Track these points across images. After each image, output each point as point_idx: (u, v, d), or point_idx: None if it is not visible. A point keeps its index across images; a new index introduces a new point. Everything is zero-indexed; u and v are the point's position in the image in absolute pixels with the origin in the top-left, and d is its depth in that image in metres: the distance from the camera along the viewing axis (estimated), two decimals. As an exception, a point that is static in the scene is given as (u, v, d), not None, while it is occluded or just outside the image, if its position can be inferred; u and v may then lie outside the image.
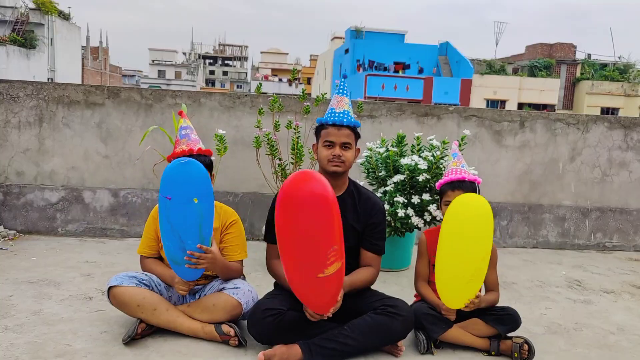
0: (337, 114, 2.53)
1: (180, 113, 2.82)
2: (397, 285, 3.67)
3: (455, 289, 2.49)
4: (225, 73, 79.06)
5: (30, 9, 30.16)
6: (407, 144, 3.90)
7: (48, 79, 30.83)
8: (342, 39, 45.62)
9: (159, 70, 65.69)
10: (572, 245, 5.08)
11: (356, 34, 39.70)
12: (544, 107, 38.17)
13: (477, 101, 37.00)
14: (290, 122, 4.00)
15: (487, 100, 37.42)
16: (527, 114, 4.99)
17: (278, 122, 4.05)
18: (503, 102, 37.65)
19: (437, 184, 2.78)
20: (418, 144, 3.94)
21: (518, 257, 4.67)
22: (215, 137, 3.73)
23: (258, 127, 3.99)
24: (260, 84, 4.37)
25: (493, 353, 2.61)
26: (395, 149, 3.77)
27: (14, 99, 4.45)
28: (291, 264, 2.24)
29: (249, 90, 65.08)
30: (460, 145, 3.85)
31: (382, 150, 3.80)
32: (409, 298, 2.88)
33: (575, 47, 41.29)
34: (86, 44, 42.32)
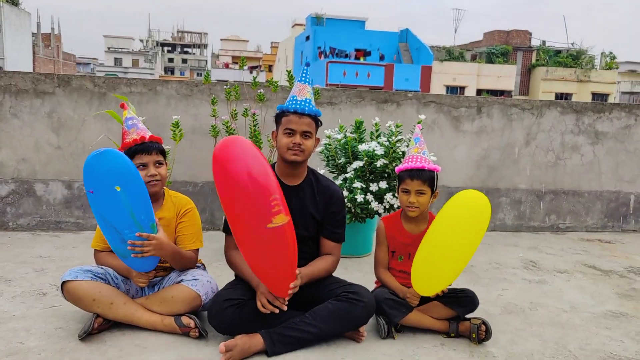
0: (299, 102, 2.50)
1: (122, 105, 2.73)
2: (358, 272, 3.69)
3: (433, 279, 2.51)
4: (184, 61, 77.55)
5: (-25, -6, 28.77)
6: (365, 129, 3.91)
7: (-3, 67, 29.59)
8: (303, 25, 45.35)
9: (115, 58, 63.87)
10: (527, 228, 5.23)
11: (317, 20, 39.55)
12: (501, 93, 39.01)
13: (437, 88, 37.52)
14: (246, 109, 3.95)
15: (447, 87, 38.00)
16: (484, 99, 5.08)
17: (235, 110, 3.99)
18: (462, 89, 38.31)
19: (396, 168, 2.78)
20: (377, 130, 3.96)
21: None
22: (172, 125, 3.65)
23: (214, 116, 3.92)
24: (208, 73, 4.28)
25: (452, 335, 2.66)
26: (353, 135, 3.77)
27: (-43, 88, 4.24)
28: (239, 224, 2.23)
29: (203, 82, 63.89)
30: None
31: (340, 136, 3.79)
32: (371, 284, 2.90)
33: (530, 34, 42.27)
34: (37, 31, 40.68)
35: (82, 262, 3.64)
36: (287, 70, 4.03)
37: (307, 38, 39.06)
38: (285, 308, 2.38)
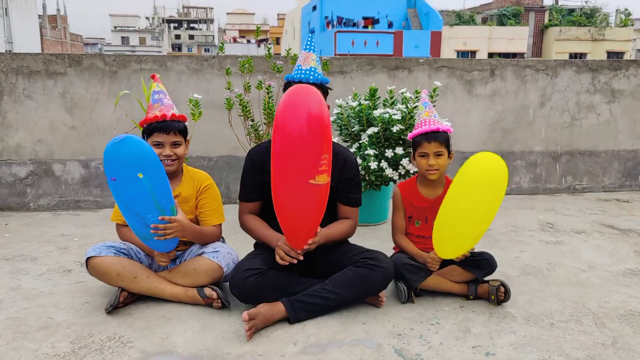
0: (303, 71, 2.50)
1: (153, 77, 2.74)
2: (375, 239, 3.72)
3: (455, 243, 2.52)
4: (191, 37, 77.04)
5: (-20, -23, 28.64)
6: (379, 97, 3.88)
7: (6, 50, 29.64)
8: (309, -5, 44.65)
9: (122, 37, 63.64)
10: (544, 190, 5.20)
11: (322, -10, 38.89)
12: (513, 55, 38.31)
13: (448, 53, 36.93)
14: (260, 82, 3.94)
15: (458, 52, 37.38)
16: (496, 62, 5.00)
17: (249, 83, 3.98)
18: (473, 53, 37.66)
19: (409, 135, 2.78)
20: (391, 97, 3.93)
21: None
22: (190, 101, 3.66)
23: (229, 88, 3.92)
24: (223, 43, 4.26)
25: (471, 297, 2.68)
26: (368, 103, 3.75)
27: (-29, 73, 4.28)
28: (283, 173, 2.21)
29: (217, 53, 63.58)
30: (432, 97, 3.87)
31: (354, 104, 3.78)
32: (388, 251, 2.92)
33: (542, -7, 41.25)
34: (43, 13, 40.59)
35: (103, 239, 3.71)
36: (286, 50, 4.02)
37: (314, 8, 38.51)
38: (302, 258, 2.41)
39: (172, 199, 2.43)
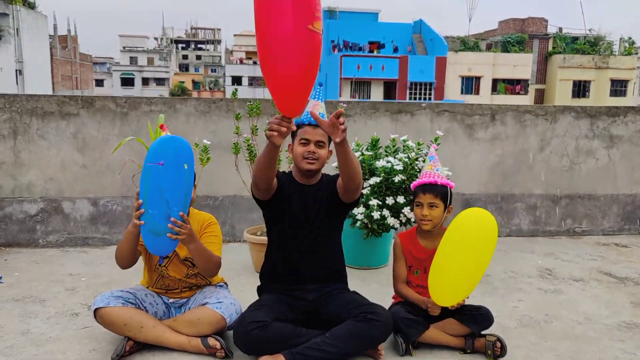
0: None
1: (162, 127, 2.88)
2: (376, 284, 3.80)
3: (450, 290, 2.62)
4: (198, 57, 77.92)
5: (-9, -3, 29.21)
6: (381, 146, 3.99)
7: (16, 70, 30.10)
8: (316, 18, 45.12)
9: (131, 57, 64.41)
10: (543, 232, 5.28)
11: (330, 14, 39.46)
12: (517, 82, 38.63)
13: (453, 78, 37.28)
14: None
15: (462, 77, 37.74)
16: (497, 107, 5.12)
17: (256, 126, 4.10)
18: (478, 79, 38.01)
19: (412, 184, 2.90)
20: (393, 145, 4.04)
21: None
22: (196, 146, 3.78)
23: (237, 133, 4.04)
24: (236, 90, 4.40)
25: (468, 351, 2.75)
26: (369, 153, 3.86)
27: (-13, 113, 4.42)
28: (279, 20, 2.02)
29: (224, 73, 64.25)
30: (435, 143, 3.98)
31: (357, 154, 3.89)
32: (388, 297, 3.01)
33: (546, 21, 41.76)
34: (54, 33, 41.28)
35: (110, 279, 3.81)
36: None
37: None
38: (294, 128, 2.37)
39: (190, 203, 2.55)
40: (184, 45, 79.68)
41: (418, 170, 3.79)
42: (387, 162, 3.75)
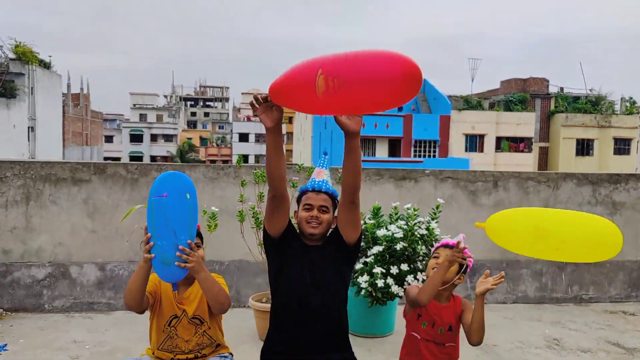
0: (316, 182, 2.77)
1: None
2: (382, 354, 3.77)
3: (512, 235, 2.64)
4: (206, 114, 79.57)
5: (11, 59, 30.23)
6: (383, 214, 4.06)
7: (28, 127, 30.77)
8: (322, 78, 46.29)
9: (141, 114, 65.87)
10: (550, 299, 5.24)
11: (335, 74, 40.46)
12: (521, 140, 39.05)
13: (457, 136, 37.76)
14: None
15: (466, 135, 38.22)
16: (499, 173, 5.21)
17: (262, 193, 4.18)
18: (481, 137, 38.47)
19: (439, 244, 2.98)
20: (396, 213, 4.11)
21: (498, 315, 4.80)
22: (204, 213, 3.85)
23: (241, 201, 4.12)
24: (241, 157, 4.51)
25: None
26: (372, 222, 3.92)
27: (1, 179, 4.54)
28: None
29: (231, 130, 65.41)
30: (435, 212, 4.06)
31: (361, 223, 3.95)
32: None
33: (547, 81, 42.59)
34: (67, 91, 42.44)
35: (113, 347, 3.80)
36: (299, 165, 4.26)
37: (327, 91, 39.84)
38: (265, 95, 2.36)
39: (196, 231, 2.60)
40: (192, 102, 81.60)
41: (418, 236, 3.83)
42: (388, 230, 3.81)
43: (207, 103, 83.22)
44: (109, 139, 60.74)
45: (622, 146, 39.26)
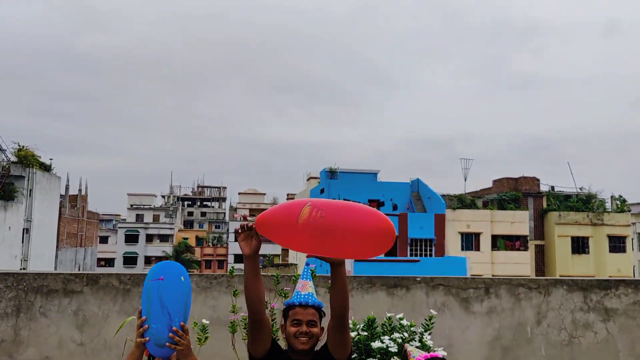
0: (302, 296, 2.82)
1: None
2: None
3: None
4: (203, 214, 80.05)
5: (12, 162, 30.87)
6: (377, 326, 4.05)
7: (23, 229, 30.77)
8: (318, 179, 47.40)
9: (137, 215, 66.18)
10: (551, 412, 5.06)
11: (331, 174, 41.43)
12: (516, 238, 39.18)
13: (452, 235, 37.88)
14: (266, 303, 4.15)
15: (462, 234, 38.36)
16: (490, 280, 5.25)
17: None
18: (477, 235, 38.60)
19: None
20: (390, 324, 4.10)
21: None
22: (195, 325, 3.84)
23: (233, 312, 4.12)
24: (233, 267, 4.57)
25: None
26: (365, 333, 3.91)
27: (-6, 291, 4.55)
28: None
29: (227, 229, 65.47)
30: (428, 324, 4.07)
31: (353, 334, 3.93)
32: None
33: (538, 180, 43.54)
34: (65, 193, 42.93)
35: None
36: (294, 275, 4.32)
37: (322, 191, 40.60)
38: (251, 224, 2.58)
39: (189, 314, 2.67)
40: (189, 202, 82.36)
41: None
42: (382, 342, 3.79)
43: (204, 203, 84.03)
44: (103, 240, 60.55)
45: (617, 244, 39.35)
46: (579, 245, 39.64)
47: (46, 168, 34.45)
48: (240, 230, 2.60)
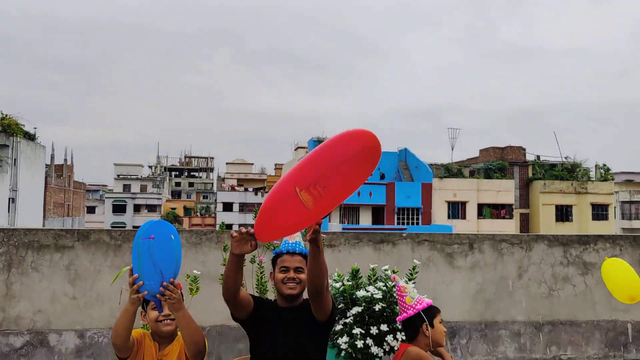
0: (290, 244, 2.92)
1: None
2: (362, 417, 3.75)
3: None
4: (191, 184, 79.81)
5: (-4, 131, 30.41)
6: (361, 276, 4.17)
7: (9, 199, 30.55)
8: (305, 148, 47.35)
9: (124, 185, 65.82)
10: (529, 360, 5.28)
11: (318, 143, 41.27)
12: (502, 206, 39.69)
13: (439, 203, 38.28)
14: (254, 256, 4.24)
15: (448, 203, 38.77)
16: (474, 236, 5.39)
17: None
18: (463, 204, 39.05)
19: (424, 306, 3.11)
20: (374, 275, 4.21)
21: (479, 377, 4.81)
22: (187, 277, 3.93)
23: (224, 265, 4.20)
24: (223, 223, 4.64)
25: None
26: (350, 283, 4.03)
27: (-16, 246, 4.59)
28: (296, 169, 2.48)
29: (215, 199, 65.50)
30: (412, 273, 4.19)
31: (338, 285, 4.05)
32: None
33: (524, 149, 43.89)
34: (50, 162, 42.48)
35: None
36: None
37: (310, 160, 40.52)
38: (253, 231, 2.52)
39: (179, 271, 2.71)
40: (177, 173, 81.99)
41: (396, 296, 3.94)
42: (367, 291, 3.91)
43: (192, 173, 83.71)
44: (91, 210, 60.28)
45: (600, 212, 40.08)
46: (563, 213, 40.31)
47: (30, 137, 33.99)
48: (237, 235, 2.55)
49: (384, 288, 3.97)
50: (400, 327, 4.04)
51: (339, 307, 4.08)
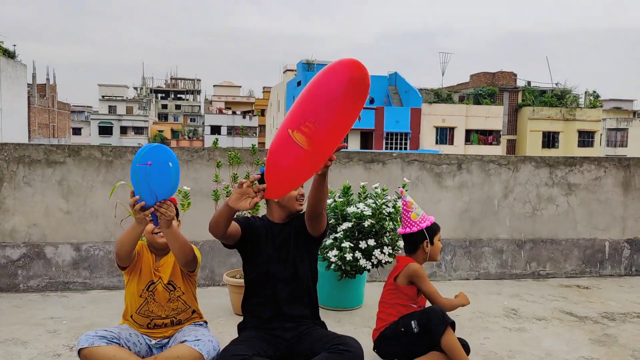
0: None
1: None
2: (350, 324, 3.96)
3: None
4: (178, 107, 78.75)
5: (-27, 48, 29.38)
6: (352, 193, 4.25)
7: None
8: (294, 71, 46.51)
9: (110, 106, 64.73)
10: (510, 275, 5.53)
11: (308, 66, 40.59)
12: (489, 132, 39.92)
13: (427, 129, 38.38)
14: (248, 173, 4.29)
15: (437, 128, 38.87)
16: (463, 157, 5.46)
17: (236, 174, 4.33)
18: (452, 129, 39.18)
19: (425, 224, 3.27)
20: (364, 192, 4.30)
21: (461, 290, 5.04)
22: (179, 192, 3.97)
23: (216, 181, 4.26)
24: (217, 139, 4.64)
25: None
26: (341, 199, 4.11)
27: (-26, 160, 4.57)
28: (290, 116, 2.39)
29: (203, 122, 64.91)
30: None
31: (330, 201, 4.13)
32: (363, 336, 3.19)
33: (515, 75, 43.51)
34: (32, 82, 41.42)
35: (91, 322, 3.90)
36: None
37: (299, 83, 40.01)
38: (263, 187, 2.49)
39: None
40: (163, 95, 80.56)
41: (386, 214, 4.04)
42: (357, 207, 4.01)
43: (179, 95, 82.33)
44: (76, 131, 59.59)
45: (586, 139, 40.51)
46: (549, 140, 40.71)
47: (10, 55, 32.92)
48: (245, 188, 2.46)
49: (374, 205, 4.07)
50: (387, 242, 4.19)
51: (330, 222, 4.19)
